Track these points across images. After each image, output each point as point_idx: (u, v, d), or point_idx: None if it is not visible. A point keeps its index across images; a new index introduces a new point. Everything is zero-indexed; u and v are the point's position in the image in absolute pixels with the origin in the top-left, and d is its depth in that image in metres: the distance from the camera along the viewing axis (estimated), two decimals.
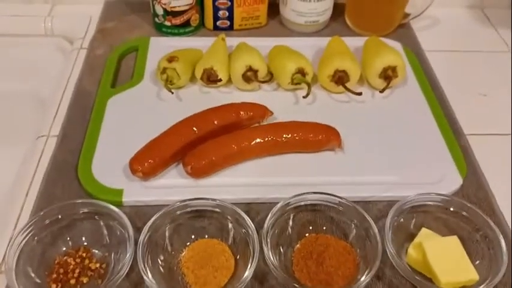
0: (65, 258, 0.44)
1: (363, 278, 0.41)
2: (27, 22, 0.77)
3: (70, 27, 0.76)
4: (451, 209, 0.47)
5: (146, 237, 0.43)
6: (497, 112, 0.63)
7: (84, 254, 0.44)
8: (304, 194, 0.46)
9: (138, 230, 0.45)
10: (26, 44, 0.77)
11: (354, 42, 0.67)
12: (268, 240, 0.43)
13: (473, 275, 0.42)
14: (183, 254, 0.45)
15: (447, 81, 0.67)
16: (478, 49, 0.75)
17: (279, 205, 0.45)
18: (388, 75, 0.60)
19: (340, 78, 0.60)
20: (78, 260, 0.44)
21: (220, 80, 0.59)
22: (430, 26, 0.79)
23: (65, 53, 0.76)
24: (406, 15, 0.74)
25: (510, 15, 0.81)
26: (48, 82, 0.71)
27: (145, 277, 0.41)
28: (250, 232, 0.44)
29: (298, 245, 0.46)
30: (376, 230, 0.44)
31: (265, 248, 0.42)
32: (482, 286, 0.41)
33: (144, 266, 0.41)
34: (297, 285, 0.41)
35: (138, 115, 0.58)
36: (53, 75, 0.71)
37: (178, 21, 0.69)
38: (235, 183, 0.51)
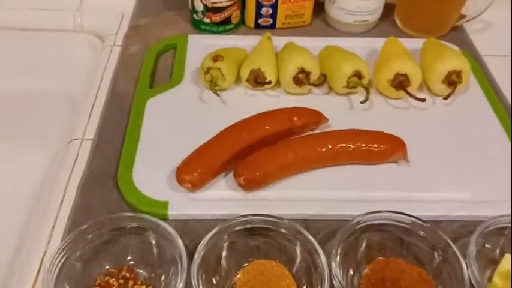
0: (107, 278, 0.39)
1: None
2: (55, 16, 0.73)
3: (100, 23, 0.71)
4: None
5: (200, 259, 0.38)
6: None
7: (127, 274, 0.40)
8: (379, 212, 0.41)
9: (185, 247, 0.40)
10: (53, 40, 0.73)
11: (408, 45, 0.62)
12: (337, 263, 0.38)
13: None
14: (238, 276, 0.40)
15: (508, 88, 0.62)
16: None
17: (349, 224, 0.40)
18: (453, 80, 0.55)
19: (401, 83, 0.54)
20: (121, 281, 0.39)
21: (270, 82, 0.54)
22: (483, 30, 0.73)
23: (95, 51, 0.72)
24: (462, 16, 0.69)
25: None
26: (79, 80, 0.66)
27: None
28: (315, 254, 0.39)
29: (366, 270, 0.41)
30: (459, 255, 0.39)
31: (337, 273, 0.37)
32: None
33: None
34: None
35: (180, 118, 0.53)
36: (84, 74, 0.67)
37: (218, 17, 0.64)
38: (289, 197, 0.46)
